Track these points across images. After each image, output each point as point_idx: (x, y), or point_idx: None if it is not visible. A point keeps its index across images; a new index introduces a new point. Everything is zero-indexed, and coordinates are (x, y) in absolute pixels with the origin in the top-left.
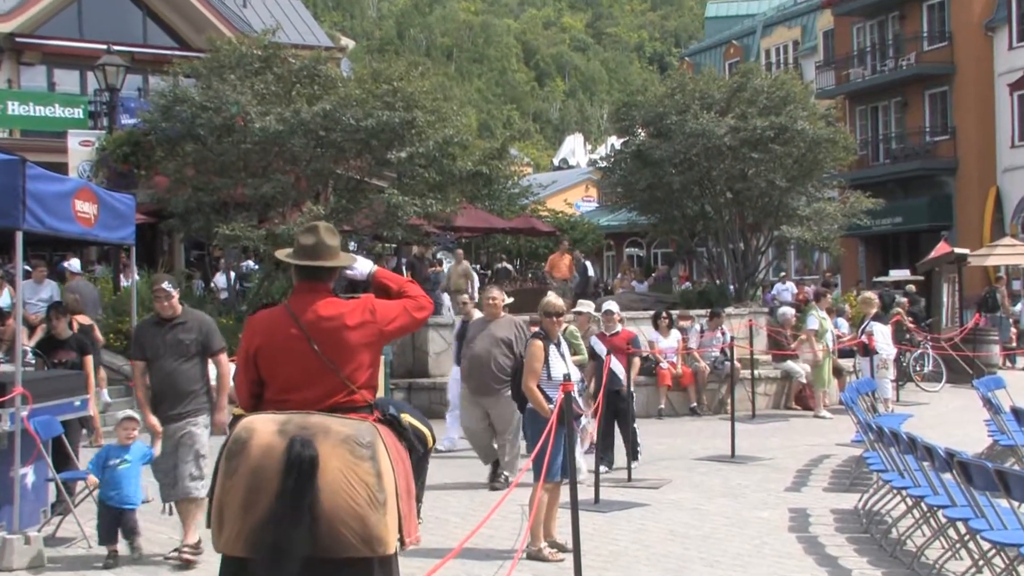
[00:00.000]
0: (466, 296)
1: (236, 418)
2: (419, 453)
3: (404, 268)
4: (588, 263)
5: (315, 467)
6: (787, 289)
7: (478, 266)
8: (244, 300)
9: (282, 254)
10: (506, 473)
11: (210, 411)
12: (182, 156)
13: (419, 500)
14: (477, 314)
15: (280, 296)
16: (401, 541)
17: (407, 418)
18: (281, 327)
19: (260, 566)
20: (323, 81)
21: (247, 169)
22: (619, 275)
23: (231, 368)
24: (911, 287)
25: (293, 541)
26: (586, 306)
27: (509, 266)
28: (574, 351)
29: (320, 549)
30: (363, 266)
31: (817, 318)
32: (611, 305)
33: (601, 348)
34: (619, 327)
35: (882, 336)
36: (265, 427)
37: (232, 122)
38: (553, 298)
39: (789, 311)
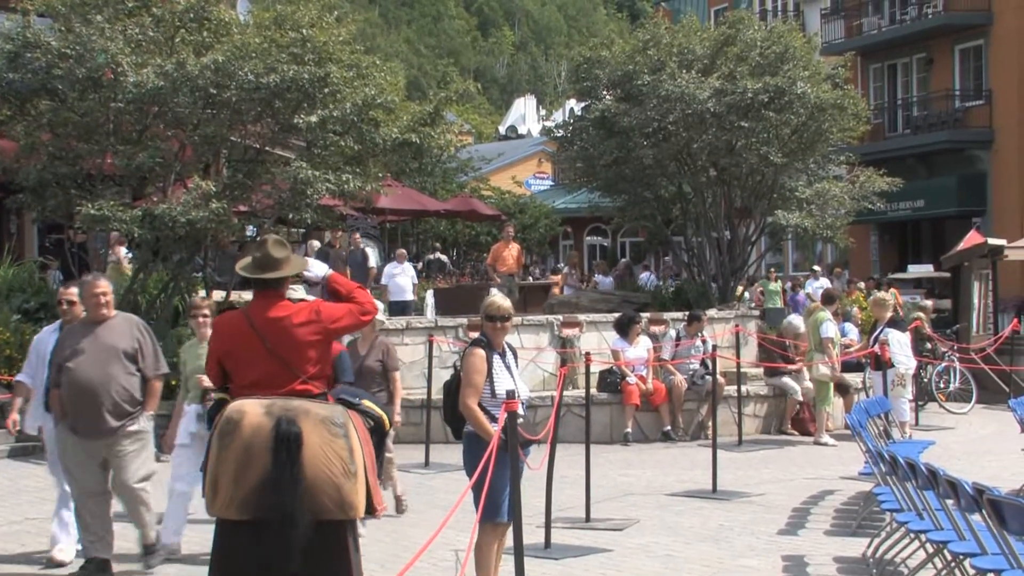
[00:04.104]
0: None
1: (221, 401)
2: (378, 435)
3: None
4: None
5: (300, 442)
6: (821, 288)
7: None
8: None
9: (239, 267)
10: (150, 559)
11: None
12: (34, 116)
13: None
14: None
15: (156, 291)
16: (372, 508)
17: (367, 403)
18: (239, 330)
19: (269, 528)
20: (214, 26)
21: (118, 134)
22: (566, 268)
23: None
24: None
25: (295, 505)
26: None
27: (444, 257)
28: None
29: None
30: (318, 269)
31: (834, 325)
32: None
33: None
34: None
35: (899, 346)
36: (253, 409)
37: (99, 75)
38: (499, 298)
39: (798, 320)
